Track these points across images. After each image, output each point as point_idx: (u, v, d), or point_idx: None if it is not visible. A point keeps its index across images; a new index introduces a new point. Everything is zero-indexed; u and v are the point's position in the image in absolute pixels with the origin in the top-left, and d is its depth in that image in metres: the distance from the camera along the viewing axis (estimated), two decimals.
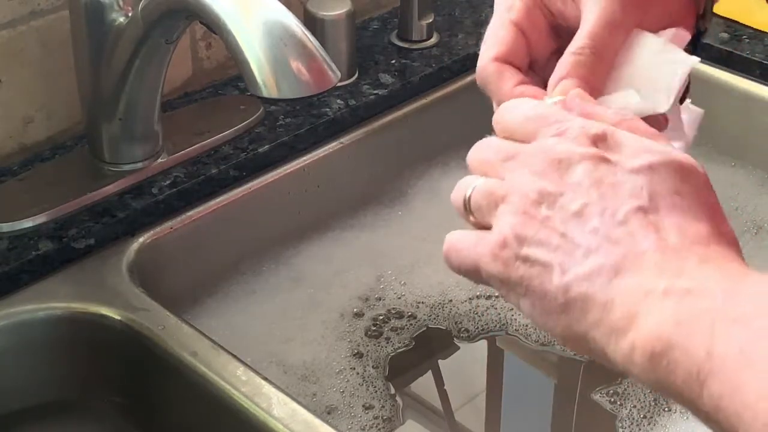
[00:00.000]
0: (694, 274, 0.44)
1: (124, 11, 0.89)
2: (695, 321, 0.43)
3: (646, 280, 0.44)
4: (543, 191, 0.47)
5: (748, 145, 1.13)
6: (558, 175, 0.48)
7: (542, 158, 0.48)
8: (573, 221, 0.46)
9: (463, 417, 0.93)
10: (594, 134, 0.48)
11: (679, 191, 0.47)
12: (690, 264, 0.45)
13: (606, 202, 0.46)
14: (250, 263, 1.00)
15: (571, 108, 0.51)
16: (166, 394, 0.85)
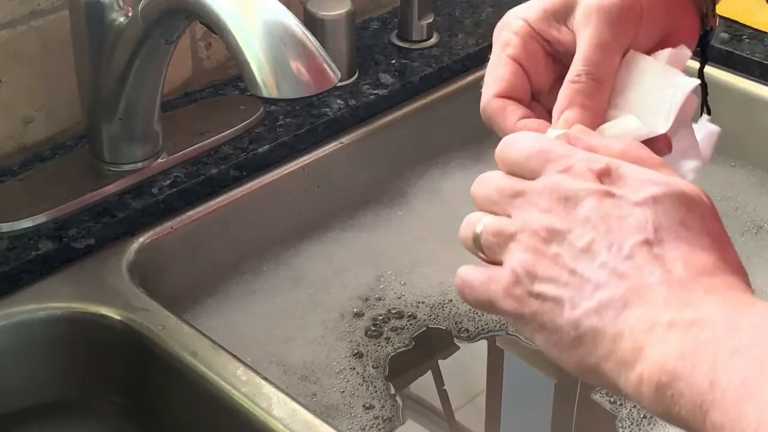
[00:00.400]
0: (699, 305, 0.45)
1: (124, 11, 0.89)
2: (698, 352, 0.44)
3: (652, 313, 0.46)
4: (552, 229, 0.49)
5: (748, 145, 1.13)
6: (566, 212, 0.49)
7: (550, 196, 0.49)
8: (582, 257, 0.48)
9: (463, 417, 0.93)
10: (598, 169, 0.49)
11: (684, 222, 0.48)
12: (695, 296, 0.46)
13: (612, 237, 0.47)
14: (250, 263, 1.00)
15: (576, 142, 0.52)
16: (166, 394, 0.85)
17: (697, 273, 0.46)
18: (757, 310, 0.45)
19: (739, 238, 1.04)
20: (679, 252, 0.47)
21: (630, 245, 0.47)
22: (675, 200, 0.48)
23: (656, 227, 0.47)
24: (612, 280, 0.47)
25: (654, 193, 0.48)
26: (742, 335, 0.43)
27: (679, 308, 0.45)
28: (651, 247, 0.47)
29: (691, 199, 0.48)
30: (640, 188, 0.48)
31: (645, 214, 0.47)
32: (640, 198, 0.48)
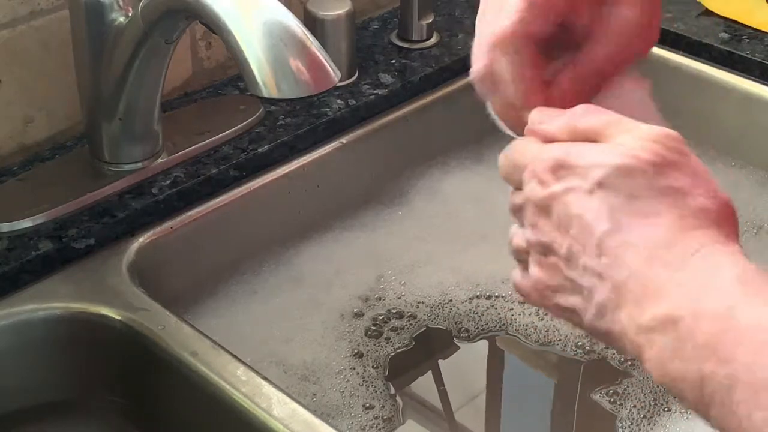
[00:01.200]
0: (667, 293, 0.47)
1: (124, 11, 0.89)
2: (681, 350, 0.46)
3: (635, 314, 0.48)
4: (542, 243, 0.53)
5: (748, 145, 1.13)
6: (546, 221, 0.52)
7: (530, 209, 0.53)
8: (570, 264, 0.51)
9: (463, 417, 0.93)
10: (551, 167, 0.52)
11: (632, 193, 0.49)
12: (662, 279, 0.48)
13: (582, 238, 0.50)
14: (250, 263, 1.00)
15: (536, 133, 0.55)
16: (166, 394, 0.85)
17: (657, 250, 0.48)
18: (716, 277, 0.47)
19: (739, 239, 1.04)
20: (637, 232, 0.49)
21: (595, 243, 0.49)
22: (618, 175, 0.50)
23: (610, 213, 0.49)
24: (596, 282, 0.50)
25: (599, 177, 0.50)
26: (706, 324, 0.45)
27: (653, 303, 0.47)
28: (611, 236, 0.49)
29: (630, 167, 0.50)
30: (587, 175, 0.50)
31: (597, 203, 0.50)
32: (589, 185, 0.50)
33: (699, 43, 1.16)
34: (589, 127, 0.53)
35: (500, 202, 0.93)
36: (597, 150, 0.51)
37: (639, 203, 0.49)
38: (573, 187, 0.51)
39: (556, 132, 0.54)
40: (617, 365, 0.91)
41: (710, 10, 1.20)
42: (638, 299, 0.48)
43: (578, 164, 0.51)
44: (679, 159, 0.50)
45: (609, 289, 0.49)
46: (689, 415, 0.87)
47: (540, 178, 0.52)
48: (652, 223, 0.49)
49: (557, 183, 0.51)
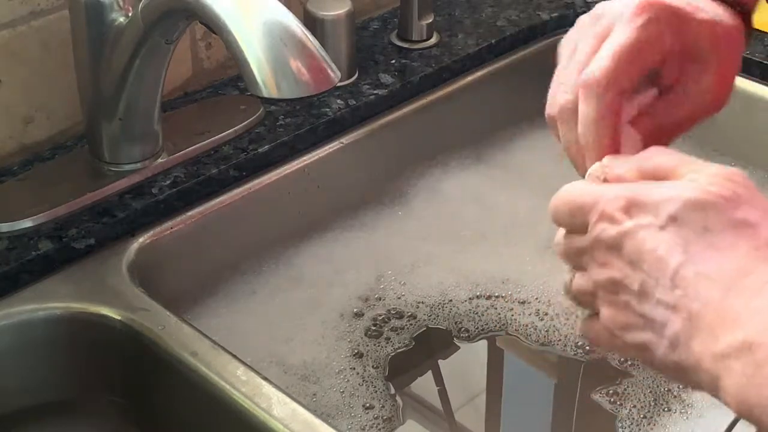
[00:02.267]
0: (744, 320, 0.47)
1: (124, 11, 0.89)
2: (759, 376, 0.46)
3: (710, 342, 0.48)
4: (613, 280, 0.53)
5: (748, 145, 1.13)
6: (617, 259, 0.52)
7: (600, 248, 0.53)
8: (643, 299, 0.51)
9: (463, 417, 0.93)
10: (623, 206, 0.52)
11: (706, 226, 0.50)
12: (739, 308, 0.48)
13: (655, 272, 0.50)
14: (250, 263, 1.00)
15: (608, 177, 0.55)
16: (166, 394, 0.85)
17: (732, 280, 0.48)
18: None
19: None
20: (711, 263, 0.49)
21: (670, 276, 0.50)
22: (690, 209, 0.50)
23: (684, 246, 0.50)
24: (670, 315, 0.50)
25: (671, 212, 0.50)
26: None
27: (729, 331, 0.48)
28: (686, 267, 0.49)
29: (703, 202, 0.50)
30: (660, 211, 0.51)
31: (670, 238, 0.50)
32: (661, 221, 0.51)
33: None
34: (659, 166, 0.54)
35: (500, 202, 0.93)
36: (668, 186, 0.52)
37: (712, 236, 0.50)
38: (645, 224, 0.51)
39: (624, 173, 0.55)
40: (617, 365, 0.91)
41: None
42: (713, 328, 0.48)
43: (650, 200, 0.51)
44: (750, 194, 0.51)
45: (683, 319, 0.49)
46: (689, 415, 0.87)
47: (611, 216, 0.52)
48: (726, 255, 0.49)
49: (629, 220, 0.52)
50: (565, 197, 0.56)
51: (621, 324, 0.53)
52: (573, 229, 0.55)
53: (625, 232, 0.52)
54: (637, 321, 0.52)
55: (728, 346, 0.47)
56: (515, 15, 1.22)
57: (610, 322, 0.53)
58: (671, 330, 0.50)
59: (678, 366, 0.50)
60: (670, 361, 0.50)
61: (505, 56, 1.19)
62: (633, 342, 0.52)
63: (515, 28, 1.20)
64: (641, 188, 0.52)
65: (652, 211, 0.51)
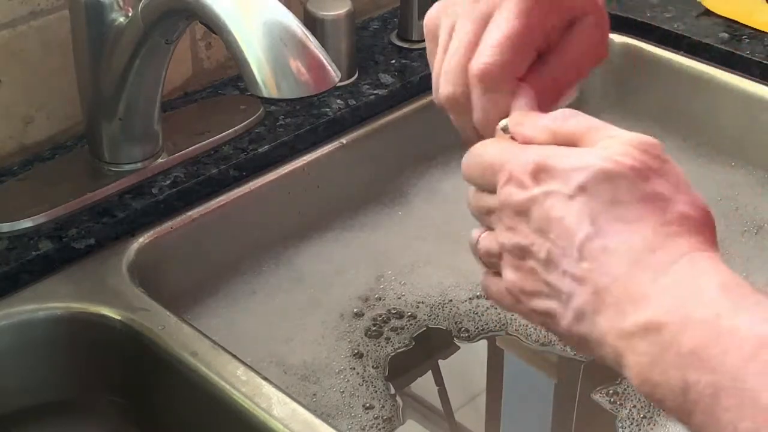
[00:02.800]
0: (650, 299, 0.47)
1: (124, 11, 0.89)
2: (665, 357, 0.46)
3: (616, 318, 0.48)
4: (519, 246, 0.52)
5: (748, 145, 1.13)
6: (524, 225, 0.51)
7: (507, 212, 0.52)
8: (549, 267, 0.50)
9: (463, 417, 0.93)
10: (531, 170, 0.51)
11: (614, 198, 0.49)
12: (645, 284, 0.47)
13: (562, 241, 0.50)
14: (250, 263, 1.00)
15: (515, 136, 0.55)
16: (166, 394, 0.85)
17: (639, 254, 0.48)
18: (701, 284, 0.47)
19: (739, 238, 1.04)
20: (619, 237, 0.49)
21: (577, 247, 0.49)
22: (600, 180, 0.49)
23: (592, 217, 0.49)
24: (576, 287, 0.49)
25: (580, 181, 0.50)
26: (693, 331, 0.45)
27: (636, 308, 0.47)
28: (593, 240, 0.49)
29: (613, 173, 0.49)
30: (569, 179, 0.50)
31: (579, 208, 0.49)
32: (570, 190, 0.50)
33: (699, 43, 1.16)
34: (571, 131, 0.53)
35: None
36: (579, 154, 0.51)
37: (621, 208, 0.49)
38: (553, 191, 0.50)
39: (535, 134, 0.53)
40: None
41: (710, 10, 1.20)
42: (620, 304, 0.48)
43: (559, 168, 0.50)
44: (662, 166, 0.50)
45: (589, 293, 0.49)
46: None
47: (519, 180, 0.52)
48: (634, 229, 0.49)
49: (537, 186, 0.51)
50: (476, 155, 0.56)
51: (526, 290, 0.52)
52: (483, 188, 0.55)
53: (533, 198, 0.51)
54: (542, 288, 0.51)
55: (634, 324, 0.47)
56: None
57: (513, 287, 0.53)
58: (577, 302, 0.49)
59: (582, 338, 0.50)
60: (575, 333, 0.50)
61: None
62: (538, 308, 0.52)
63: None
64: (551, 153, 0.51)
65: (562, 178, 0.50)
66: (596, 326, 0.49)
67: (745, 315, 0.45)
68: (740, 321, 0.45)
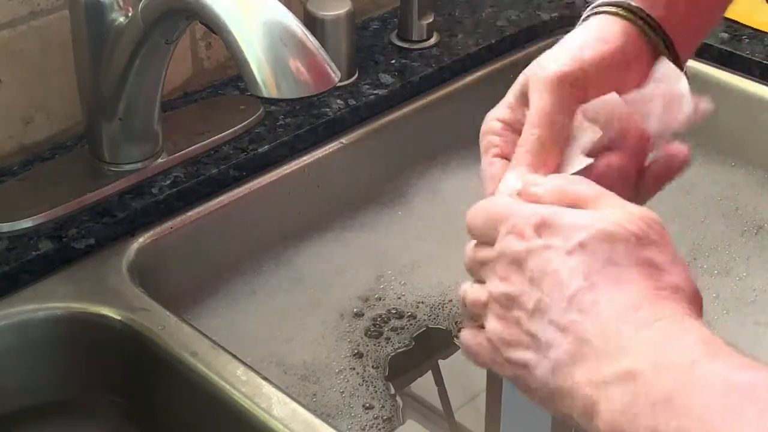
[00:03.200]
0: (629, 351, 0.48)
1: (124, 11, 0.89)
2: (636, 404, 0.46)
3: (593, 369, 0.48)
4: (509, 295, 0.53)
5: (748, 145, 1.13)
6: (517, 275, 0.52)
7: (503, 262, 0.53)
8: (535, 317, 0.51)
9: (463, 417, 0.93)
10: (535, 224, 0.52)
11: (611, 259, 0.50)
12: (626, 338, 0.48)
13: (553, 293, 0.51)
14: (250, 263, 1.00)
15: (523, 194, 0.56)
16: (166, 394, 0.85)
17: (626, 311, 0.49)
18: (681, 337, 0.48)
19: (739, 238, 1.04)
20: (610, 294, 0.50)
21: (566, 298, 0.50)
22: (600, 240, 0.51)
23: (586, 273, 0.50)
24: (558, 337, 0.50)
25: (581, 239, 0.51)
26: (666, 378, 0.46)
27: (614, 359, 0.48)
28: (584, 294, 0.50)
29: (614, 235, 0.51)
30: (570, 236, 0.51)
31: (575, 263, 0.50)
32: (570, 246, 0.51)
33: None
34: (579, 195, 0.54)
35: None
36: (583, 214, 0.52)
37: (616, 270, 0.50)
38: (553, 245, 0.51)
39: (544, 194, 0.55)
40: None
41: None
42: (599, 355, 0.48)
43: (562, 224, 0.52)
44: (661, 240, 0.52)
45: (570, 342, 0.49)
46: None
47: (521, 232, 0.53)
48: (625, 289, 0.50)
49: (538, 239, 0.52)
50: (483, 207, 0.57)
51: (506, 339, 0.53)
52: (483, 240, 0.56)
53: (531, 249, 0.52)
54: (522, 339, 0.52)
55: (611, 373, 0.47)
56: (515, 15, 1.22)
57: (494, 336, 0.53)
58: (556, 353, 0.50)
59: (553, 391, 0.50)
60: (548, 384, 0.50)
61: (505, 56, 1.19)
62: (514, 359, 0.52)
63: (515, 28, 1.20)
64: (557, 211, 0.53)
65: (563, 234, 0.51)
66: (571, 377, 0.49)
67: (720, 362, 0.46)
68: (714, 367, 0.45)
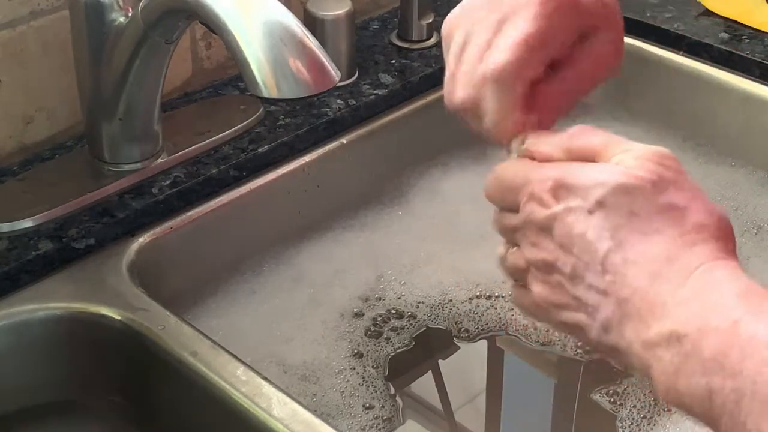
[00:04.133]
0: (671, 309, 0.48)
1: (124, 11, 0.89)
2: (688, 365, 0.47)
3: (640, 330, 0.49)
4: (545, 261, 0.53)
5: (748, 145, 1.13)
6: (548, 241, 0.53)
7: (531, 230, 0.54)
8: (575, 282, 0.52)
9: (463, 417, 0.93)
10: (551, 188, 0.53)
11: (633, 210, 0.51)
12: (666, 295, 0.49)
13: (585, 256, 0.51)
14: (250, 263, 1.00)
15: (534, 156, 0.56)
16: (166, 394, 0.85)
17: (657, 266, 0.49)
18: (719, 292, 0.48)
19: (739, 238, 1.04)
20: (639, 248, 0.50)
21: (599, 261, 0.51)
22: (618, 194, 0.51)
23: (612, 231, 0.51)
24: (601, 300, 0.51)
25: (598, 196, 0.51)
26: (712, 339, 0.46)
27: (657, 319, 0.49)
28: (615, 254, 0.50)
29: (630, 186, 0.51)
30: (588, 195, 0.51)
31: (599, 222, 0.51)
32: (590, 205, 0.51)
33: (699, 43, 1.16)
34: (586, 147, 0.54)
35: None
36: (596, 169, 0.52)
37: (639, 221, 0.50)
38: (574, 207, 0.52)
39: (552, 152, 0.55)
40: (617, 365, 0.91)
41: (710, 10, 1.20)
42: (642, 315, 0.49)
43: (578, 184, 0.52)
44: (677, 177, 0.52)
45: (613, 305, 0.50)
46: None
47: (540, 198, 0.53)
48: (653, 240, 0.50)
49: (557, 204, 0.52)
50: (497, 176, 0.57)
51: (555, 303, 0.54)
52: (506, 208, 0.56)
53: (554, 215, 0.52)
54: (570, 302, 0.53)
55: (657, 334, 0.48)
56: None
57: (543, 300, 0.54)
58: (603, 314, 0.51)
59: (612, 348, 0.51)
60: (604, 344, 0.51)
61: None
62: (567, 321, 0.53)
63: None
64: (569, 170, 0.53)
65: (581, 194, 0.52)
66: (623, 337, 0.50)
67: (762, 322, 0.46)
68: (758, 327, 0.46)
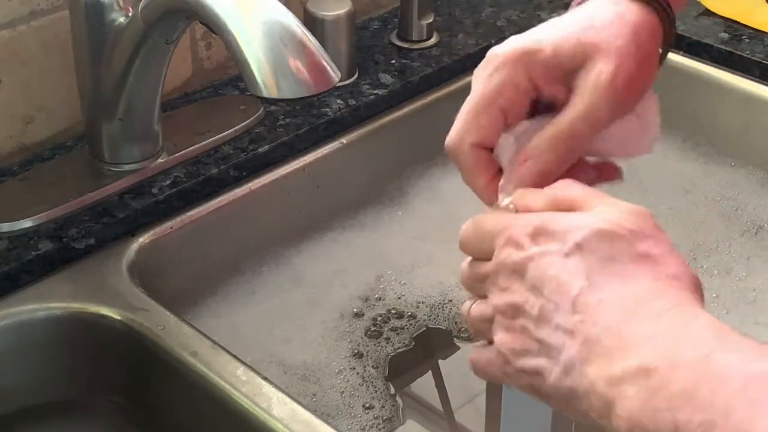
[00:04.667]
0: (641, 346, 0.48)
1: (124, 11, 0.89)
2: (654, 400, 0.46)
3: (606, 367, 0.48)
4: (513, 305, 0.53)
5: (748, 145, 1.13)
6: (518, 284, 0.53)
7: (503, 274, 0.53)
8: (541, 324, 0.51)
9: (463, 417, 0.93)
10: (531, 232, 0.52)
11: (611, 256, 0.51)
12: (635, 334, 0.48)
13: (556, 297, 0.51)
14: (250, 263, 1.00)
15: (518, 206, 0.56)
16: (166, 394, 0.85)
17: (632, 306, 0.49)
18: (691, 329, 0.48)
19: (739, 238, 1.04)
20: (614, 289, 0.50)
21: (570, 301, 0.50)
22: (597, 239, 0.51)
23: (587, 273, 0.50)
24: (567, 340, 0.50)
25: (577, 239, 0.51)
26: (683, 372, 0.46)
27: (626, 355, 0.48)
28: (587, 294, 0.50)
29: (610, 233, 0.51)
30: (566, 239, 0.51)
31: (574, 264, 0.51)
32: (567, 248, 0.51)
33: (699, 43, 1.16)
34: (569, 198, 0.54)
35: None
36: (577, 216, 0.52)
37: (616, 266, 0.50)
38: (551, 250, 0.51)
39: (534, 203, 0.55)
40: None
41: (710, 10, 1.21)
42: (610, 352, 0.48)
43: (558, 228, 0.52)
44: (655, 233, 0.52)
45: (579, 344, 0.49)
46: None
47: (517, 242, 0.53)
48: (628, 283, 0.50)
49: (535, 246, 0.52)
50: (476, 223, 0.57)
51: (515, 349, 0.53)
52: (479, 256, 0.56)
53: (530, 257, 0.52)
54: (532, 346, 0.52)
55: (624, 370, 0.48)
56: (515, 15, 1.22)
57: (504, 347, 0.53)
58: (567, 355, 0.50)
59: (569, 392, 0.50)
60: (563, 387, 0.50)
61: None
62: (526, 367, 0.52)
63: (515, 28, 1.20)
64: (550, 216, 0.53)
65: (559, 238, 0.51)
66: (585, 376, 0.49)
67: (734, 354, 0.46)
68: (729, 360, 0.45)
